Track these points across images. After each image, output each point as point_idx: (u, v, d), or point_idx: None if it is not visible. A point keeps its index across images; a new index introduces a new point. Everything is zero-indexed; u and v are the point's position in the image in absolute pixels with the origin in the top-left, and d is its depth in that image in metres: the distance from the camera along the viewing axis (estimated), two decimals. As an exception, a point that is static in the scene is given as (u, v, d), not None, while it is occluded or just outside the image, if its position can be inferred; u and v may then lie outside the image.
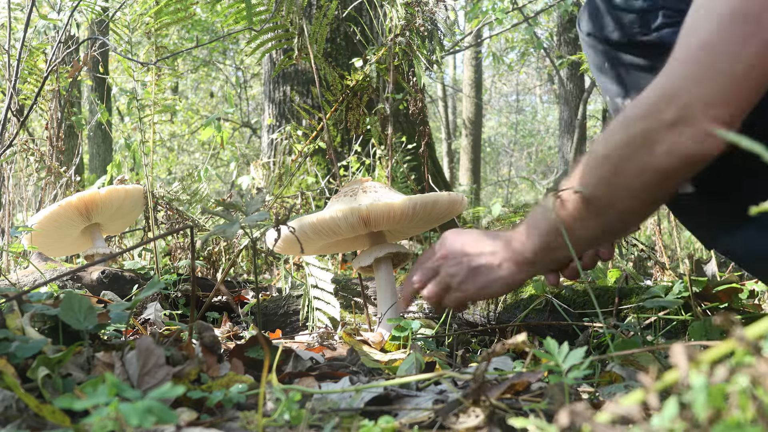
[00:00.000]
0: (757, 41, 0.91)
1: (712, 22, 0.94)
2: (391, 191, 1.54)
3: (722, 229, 1.16)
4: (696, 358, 0.47)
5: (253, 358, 1.11)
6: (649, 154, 1.00)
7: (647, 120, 0.99)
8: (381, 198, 1.48)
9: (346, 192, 1.56)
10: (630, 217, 1.13)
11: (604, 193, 1.08)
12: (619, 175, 1.04)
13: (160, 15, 2.38)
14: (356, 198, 1.51)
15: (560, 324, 1.50)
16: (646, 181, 1.03)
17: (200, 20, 8.88)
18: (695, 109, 0.95)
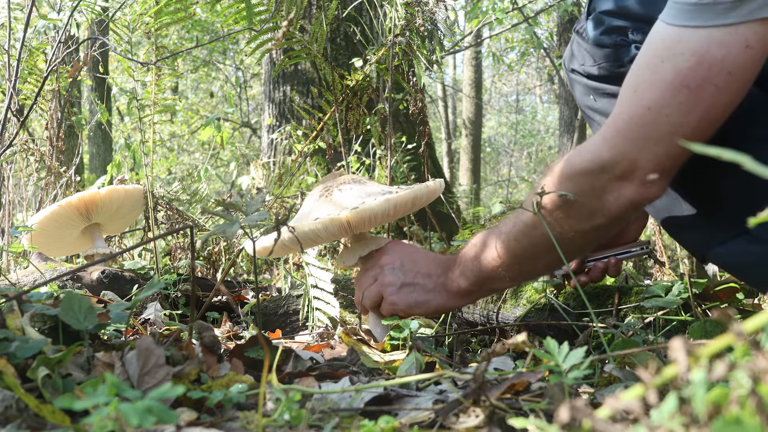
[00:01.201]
0: (700, 110, 0.99)
1: (659, 90, 1.01)
2: (366, 185, 1.48)
3: (715, 242, 1.19)
4: (695, 353, 0.47)
5: (253, 358, 1.11)
6: (599, 202, 1.11)
7: (597, 175, 1.09)
8: (360, 199, 1.42)
9: (321, 192, 1.49)
10: (574, 254, 1.29)
11: (557, 234, 1.18)
12: (570, 218, 1.14)
13: (160, 15, 2.38)
14: (331, 199, 1.45)
15: (560, 324, 1.50)
16: (595, 225, 1.14)
17: (200, 20, 8.88)
18: (643, 165, 1.05)
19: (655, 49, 1.02)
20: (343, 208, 1.39)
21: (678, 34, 0.99)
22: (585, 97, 1.33)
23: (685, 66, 0.98)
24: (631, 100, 1.04)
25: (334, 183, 1.49)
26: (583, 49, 1.28)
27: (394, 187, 1.47)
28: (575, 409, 0.48)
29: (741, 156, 0.46)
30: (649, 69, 1.02)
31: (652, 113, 1.01)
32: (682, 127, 1.00)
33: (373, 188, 1.47)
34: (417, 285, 1.35)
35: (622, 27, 1.21)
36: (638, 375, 0.50)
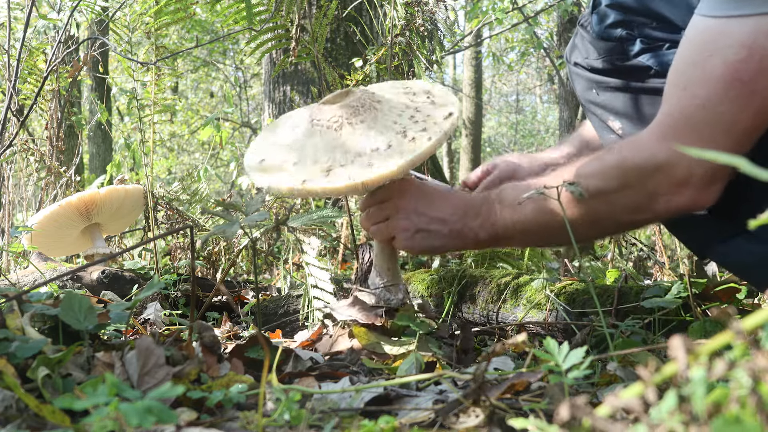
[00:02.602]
0: (756, 104, 0.96)
1: (710, 86, 0.98)
2: (378, 116, 1.25)
3: (716, 240, 1.19)
4: (694, 351, 0.47)
5: (253, 358, 1.11)
6: (647, 201, 1.08)
7: (652, 174, 1.06)
8: (376, 160, 1.19)
9: (332, 120, 1.23)
10: (603, 236, 1.22)
11: (589, 219, 1.15)
12: (610, 208, 1.12)
13: (160, 15, 2.38)
14: (342, 141, 1.21)
15: (560, 323, 1.50)
16: (635, 219, 1.13)
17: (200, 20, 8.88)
18: (698, 170, 1.02)
19: (699, 43, 0.99)
20: (360, 172, 1.17)
21: (722, 25, 0.96)
22: (587, 91, 1.32)
23: (735, 59, 0.95)
24: (682, 99, 1.01)
25: (345, 111, 1.25)
26: (587, 42, 1.28)
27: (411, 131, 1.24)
28: (575, 407, 0.48)
29: (737, 159, 0.46)
30: (696, 66, 0.99)
31: (706, 111, 0.98)
32: (738, 124, 0.97)
33: (387, 121, 1.25)
34: (432, 232, 1.29)
35: (628, 21, 1.21)
36: (638, 374, 0.50)
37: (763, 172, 0.45)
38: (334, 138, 1.23)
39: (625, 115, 1.26)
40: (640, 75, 1.21)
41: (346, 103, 1.24)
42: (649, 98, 1.22)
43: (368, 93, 1.27)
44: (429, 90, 1.36)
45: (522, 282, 1.64)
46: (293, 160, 1.24)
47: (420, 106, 1.29)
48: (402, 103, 1.30)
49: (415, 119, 1.24)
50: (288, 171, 1.23)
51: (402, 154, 1.17)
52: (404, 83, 1.41)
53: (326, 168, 1.19)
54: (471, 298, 1.70)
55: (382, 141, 1.20)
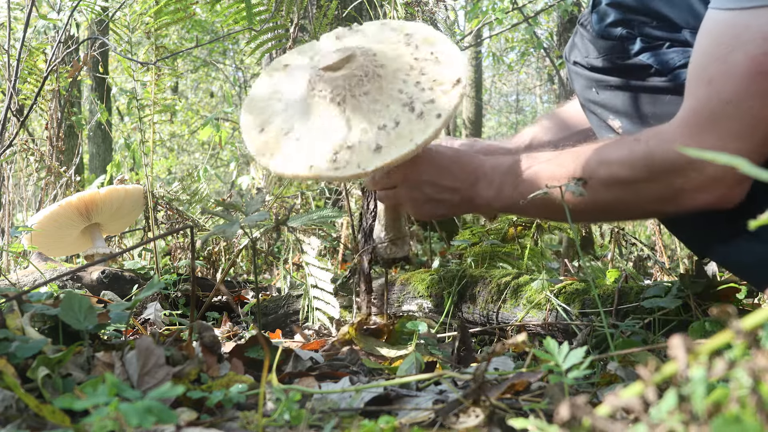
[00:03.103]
0: None
1: (735, 81, 0.97)
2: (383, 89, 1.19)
3: (716, 240, 1.19)
4: (694, 350, 0.47)
5: (253, 358, 1.11)
6: (674, 195, 1.07)
7: (683, 170, 1.04)
8: (384, 141, 1.13)
9: (333, 96, 1.17)
10: (626, 220, 1.22)
11: (613, 206, 1.15)
12: (633, 196, 1.11)
13: (160, 15, 2.38)
14: (347, 117, 1.16)
15: (560, 323, 1.50)
16: (660, 210, 1.12)
17: (200, 20, 8.88)
18: (731, 168, 1.00)
19: (720, 37, 0.98)
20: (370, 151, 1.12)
21: (742, 18, 0.95)
22: (586, 90, 1.32)
23: (758, 52, 0.94)
24: (708, 95, 1.00)
25: (347, 82, 1.18)
26: (587, 41, 1.28)
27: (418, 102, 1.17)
28: (575, 406, 0.48)
29: (736, 159, 0.46)
30: (719, 60, 0.98)
31: (733, 107, 0.98)
32: (765, 119, 0.96)
33: (393, 91, 1.19)
34: (442, 201, 1.27)
35: (628, 20, 1.21)
36: (638, 373, 0.50)
37: (763, 172, 0.45)
38: (337, 114, 1.17)
39: (625, 114, 1.26)
40: (641, 73, 1.21)
41: (348, 74, 1.17)
42: (649, 97, 1.22)
43: (370, 56, 1.20)
44: (432, 41, 1.28)
45: (522, 282, 1.64)
46: (295, 135, 1.19)
47: (425, 66, 1.22)
48: (406, 63, 1.22)
49: (421, 86, 1.18)
50: (290, 149, 1.18)
51: (411, 135, 1.12)
52: (403, 28, 1.32)
53: (332, 152, 1.14)
54: (471, 298, 1.70)
55: (389, 117, 1.15)
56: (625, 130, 1.26)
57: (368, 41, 1.30)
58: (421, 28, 1.32)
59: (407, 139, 1.11)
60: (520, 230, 2.35)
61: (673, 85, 1.18)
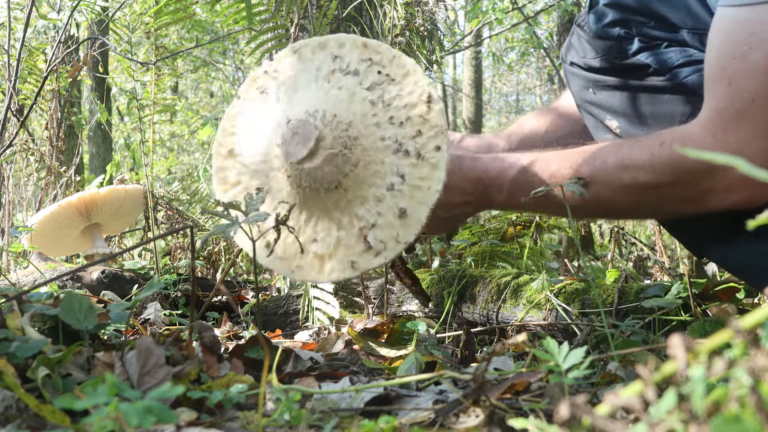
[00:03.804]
0: None
1: (757, 79, 0.97)
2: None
3: (715, 240, 1.18)
4: (694, 350, 0.47)
5: (253, 358, 1.11)
6: (700, 196, 1.06)
7: (710, 173, 1.03)
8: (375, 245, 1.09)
9: (312, 185, 1.07)
10: (645, 219, 1.22)
11: (633, 209, 1.16)
12: (655, 197, 1.10)
13: (160, 15, 2.38)
14: (328, 210, 1.10)
15: (560, 323, 1.50)
16: (683, 211, 1.11)
17: (200, 20, 8.88)
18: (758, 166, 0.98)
19: (734, 35, 0.98)
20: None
21: (755, 14, 0.95)
22: (583, 91, 1.32)
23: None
24: (730, 94, 0.99)
25: (333, 163, 1.06)
26: (584, 41, 1.28)
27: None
28: (575, 406, 0.48)
29: (735, 159, 0.46)
30: (737, 59, 0.97)
31: (756, 105, 0.97)
32: None
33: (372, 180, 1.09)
34: (456, 216, 1.26)
35: (626, 20, 1.21)
36: (638, 373, 0.50)
37: (763, 172, 0.45)
38: (341, 199, 1.08)
39: (622, 114, 1.26)
40: (639, 73, 1.21)
41: (328, 155, 1.05)
42: (647, 96, 1.22)
43: (331, 121, 1.07)
44: (361, 57, 1.13)
45: (522, 282, 1.65)
46: (319, 239, 1.11)
47: (384, 95, 1.10)
48: (367, 104, 1.09)
49: (398, 121, 1.08)
50: (321, 254, 1.10)
51: (428, 181, 1.05)
52: (316, 59, 1.16)
53: (361, 238, 1.07)
54: (471, 298, 1.70)
55: (390, 172, 1.07)
56: (623, 130, 1.26)
57: (307, 96, 1.14)
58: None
59: (426, 188, 1.06)
60: (520, 230, 2.35)
61: (672, 84, 1.18)
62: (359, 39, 1.14)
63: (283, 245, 1.14)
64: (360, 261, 1.08)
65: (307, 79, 1.16)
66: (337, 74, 1.14)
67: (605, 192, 1.12)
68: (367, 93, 1.11)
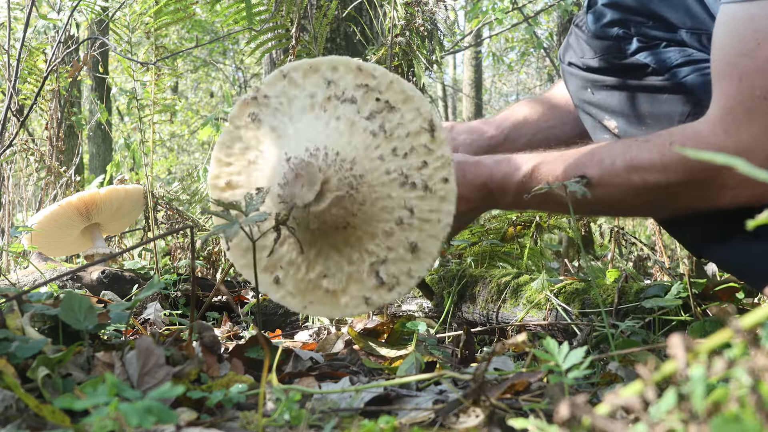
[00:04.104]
0: None
1: (766, 75, 0.97)
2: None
3: (714, 240, 1.18)
4: (694, 349, 0.47)
5: (253, 358, 1.11)
6: (713, 194, 1.05)
7: (722, 170, 1.02)
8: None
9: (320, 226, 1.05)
10: (654, 217, 1.27)
11: (643, 208, 1.17)
12: (675, 199, 1.09)
13: (160, 15, 2.38)
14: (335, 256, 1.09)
15: (560, 323, 1.50)
16: (694, 207, 1.10)
17: (200, 20, 8.88)
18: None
19: (740, 32, 0.97)
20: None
21: (759, 9, 0.95)
22: (582, 91, 1.31)
23: None
24: (741, 91, 0.99)
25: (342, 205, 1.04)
26: (583, 41, 1.28)
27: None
28: (575, 406, 0.48)
29: (734, 159, 0.46)
30: (747, 56, 0.97)
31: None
32: None
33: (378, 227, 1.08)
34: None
35: (625, 20, 1.20)
36: (638, 372, 0.50)
37: (762, 172, 0.45)
38: (350, 237, 1.07)
39: (621, 114, 1.25)
40: (638, 73, 1.21)
41: (335, 198, 1.03)
42: (646, 96, 1.21)
43: (335, 160, 1.03)
44: (353, 83, 1.08)
45: (522, 282, 1.65)
46: (332, 275, 1.11)
47: (384, 124, 1.07)
48: (367, 134, 1.07)
49: (402, 152, 1.06)
50: (334, 291, 1.10)
51: (438, 214, 1.05)
52: (309, 84, 1.11)
53: (373, 274, 1.07)
54: (471, 298, 1.70)
55: (398, 205, 1.05)
56: (621, 130, 1.26)
57: (305, 129, 1.10)
58: (330, 73, 1.11)
59: (435, 221, 1.05)
60: (520, 230, 2.35)
61: (671, 84, 1.18)
62: (352, 62, 1.09)
63: (293, 281, 1.13)
64: (373, 297, 1.08)
65: (302, 107, 1.11)
66: (333, 102, 1.09)
67: (615, 194, 1.11)
68: (367, 123, 1.07)
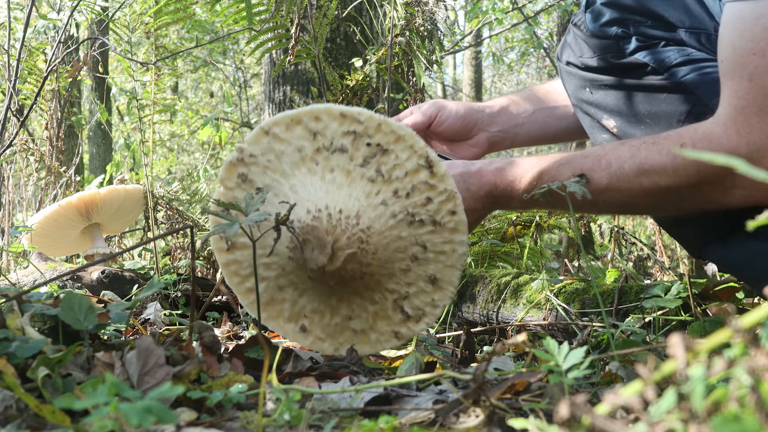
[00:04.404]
0: None
1: None
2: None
3: (714, 241, 1.18)
4: (693, 349, 0.47)
5: (253, 358, 1.11)
6: (723, 194, 1.05)
7: (735, 173, 1.02)
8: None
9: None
10: (662, 214, 1.28)
11: (650, 208, 1.18)
12: (685, 199, 1.09)
13: (160, 15, 2.38)
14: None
15: (560, 323, 1.50)
16: (704, 208, 1.10)
17: (200, 20, 8.88)
18: None
19: (748, 31, 0.97)
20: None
21: (765, 7, 0.94)
22: (580, 90, 1.31)
23: None
24: (752, 91, 0.98)
25: (356, 261, 1.06)
26: (581, 40, 1.27)
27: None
28: (575, 405, 0.48)
29: (733, 160, 0.46)
30: (757, 55, 0.96)
31: None
32: None
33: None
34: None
35: (624, 19, 1.20)
36: (638, 372, 0.50)
37: (761, 172, 0.45)
38: (369, 283, 1.10)
39: (619, 113, 1.25)
40: (636, 72, 1.21)
41: (348, 255, 1.04)
42: (644, 95, 1.21)
43: (339, 216, 1.03)
44: (339, 131, 1.06)
45: (522, 282, 1.65)
46: (355, 316, 1.14)
47: (380, 167, 1.06)
48: (366, 182, 1.06)
49: (401, 186, 1.07)
50: (363, 330, 1.14)
51: (452, 245, 1.08)
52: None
53: (398, 310, 1.11)
54: (471, 298, 1.70)
55: (411, 242, 1.08)
56: (620, 129, 1.26)
57: (301, 187, 1.07)
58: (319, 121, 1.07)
59: (450, 252, 1.09)
60: (520, 230, 2.35)
61: (670, 83, 1.17)
62: (334, 108, 1.05)
63: (319, 327, 1.16)
64: (402, 330, 1.13)
65: (292, 162, 1.08)
66: (323, 153, 1.06)
67: (624, 197, 1.11)
68: (363, 170, 1.06)
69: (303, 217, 1.04)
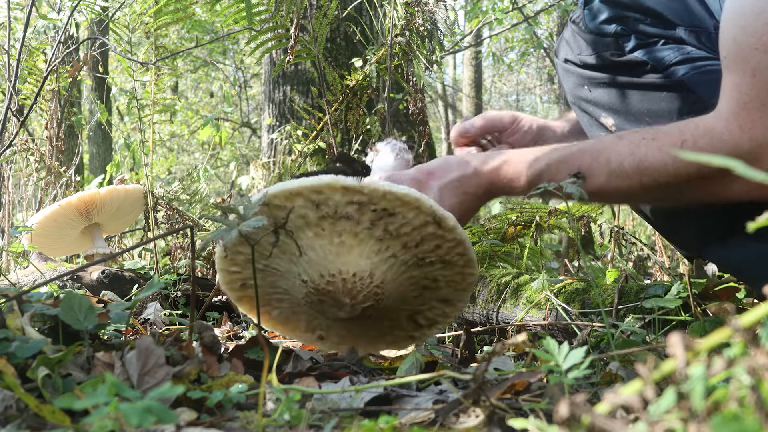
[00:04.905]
0: None
1: None
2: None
3: (714, 240, 1.18)
4: (693, 348, 0.47)
5: (253, 358, 1.11)
6: (723, 188, 1.04)
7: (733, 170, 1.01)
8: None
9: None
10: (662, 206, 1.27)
11: (651, 201, 1.20)
12: (687, 194, 1.08)
13: (160, 15, 2.38)
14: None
15: (560, 323, 1.50)
16: (705, 200, 1.09)
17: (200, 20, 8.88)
18: None
19: (750, 25, 0.97)
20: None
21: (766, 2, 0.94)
22: (578, 88, 1.31)
23: None
24: (755, 86, 0.97)
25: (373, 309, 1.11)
26: (579, 38, 1.27)
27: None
28: (575, 405, 0.48)
29: (732, 161, 0.46)
30: (759, 50, 0.96)
31: None
32: None
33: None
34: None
35: (622, 17, 1.20)
36: (638, 371, 0.50)
37: (760, 173, 0.45)
38: (365, 319, 1.17)
39: (618, 111, 1.25)
40: (635, 70, 1.20)
41: (358, 315, 1.10)
42: (643, 94, 1.21)
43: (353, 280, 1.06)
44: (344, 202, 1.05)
45: (522, 282, 1.65)
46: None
47: (382, 225, 1.06)
48: (369, 238, 1.07)
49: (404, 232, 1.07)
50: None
51: (461, 272, 1.15)
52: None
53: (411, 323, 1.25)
54: (471, 298, 1.70)
55: (422, 276, 1.13)
56: (618, 127, 1.25)
57: (311, 250, 1.08)
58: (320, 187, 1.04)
59: (461, 281, 1.16)
60: (520, 230, 2.35)
61: (669, 81, 1.17)
62: (335, 182, 1.00)
63: (336, 335, 1.27)
64: (416, 334, 1.24)
65: (297, 227, 1.06)
66: (328, 220, 1.05)
67: (623, 193, 1.11)
68: (370, 231, 1.05)
69: (316, 280, 1.06)
